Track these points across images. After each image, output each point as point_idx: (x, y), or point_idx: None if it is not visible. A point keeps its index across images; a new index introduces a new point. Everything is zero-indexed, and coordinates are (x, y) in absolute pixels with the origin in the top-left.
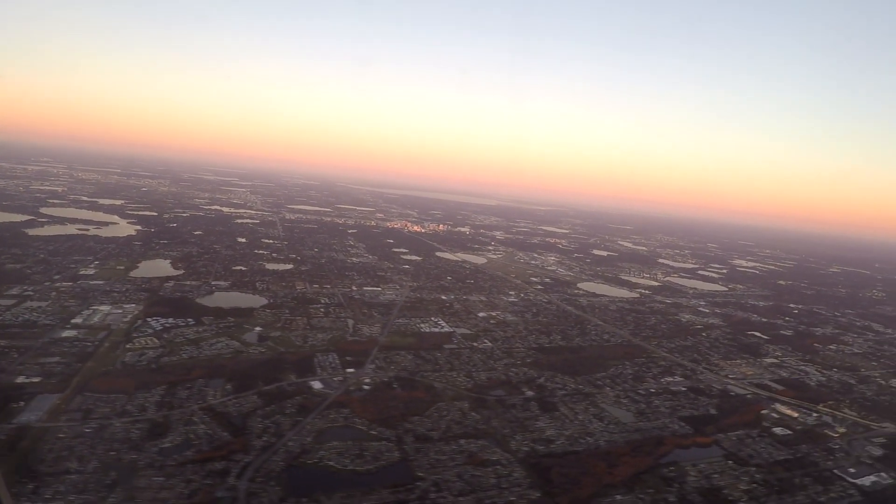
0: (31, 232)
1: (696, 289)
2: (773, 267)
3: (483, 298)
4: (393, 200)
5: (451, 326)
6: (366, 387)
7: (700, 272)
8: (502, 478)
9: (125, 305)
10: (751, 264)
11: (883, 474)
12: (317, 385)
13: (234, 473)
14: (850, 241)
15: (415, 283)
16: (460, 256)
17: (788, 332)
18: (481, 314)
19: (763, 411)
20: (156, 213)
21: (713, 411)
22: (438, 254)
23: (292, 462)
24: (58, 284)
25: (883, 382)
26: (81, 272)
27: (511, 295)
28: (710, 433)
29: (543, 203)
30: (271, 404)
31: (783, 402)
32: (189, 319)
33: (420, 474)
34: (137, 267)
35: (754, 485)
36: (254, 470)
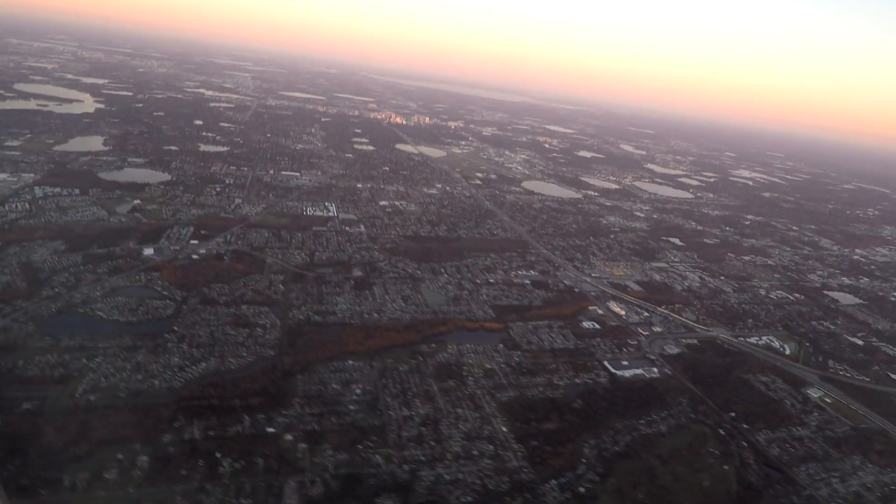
0: None
1: (655, 194)
2: (776, 179)
3: (401, 189)
4: (402, 92)
5: (338, 212)
6: (195, 256)
7: (681, 179)
8: (252, 338)
9: (23, 175)
10: (753, 175)
11: (654, 370)
12: (148, 252)
13: (0, 314)
14: None
15: (342, 172)
16: (420, 149)
17: (713, 241)
18: (383, 203)
19: (591, 307)
20: (131, 94)
21: (537, 303)
22: (399, 145)
23: (63, 309)
24: None
25: (763, 293)
26: (6, 143)
27: (436, 188)
28: (509, 321)
29: (575, 102)
30: (88, 264)
31: (623, 301)
32: (75, 190)
33: (175, 329)
34: (67, 142)
35: (503, 365)
36: (23, 313)
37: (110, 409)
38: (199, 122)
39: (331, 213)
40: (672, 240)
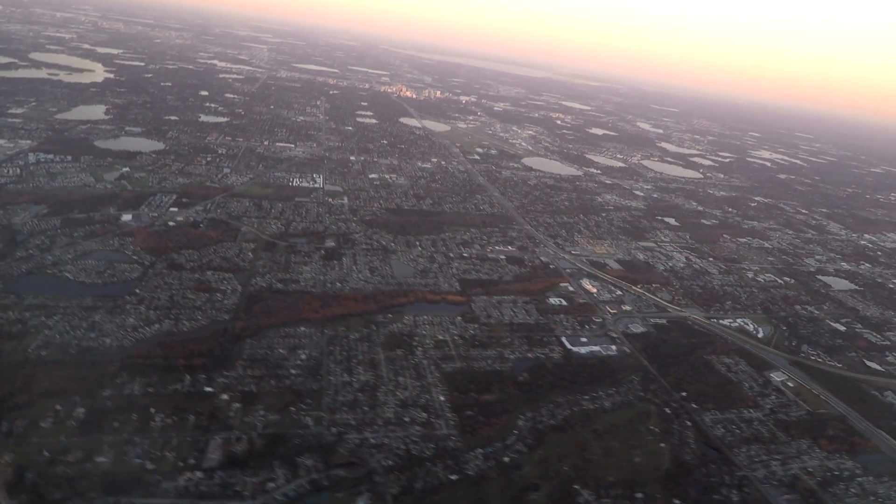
0: (1, 73)
1: (662, 173)
2: (798, 161)
3: (394, 162)
4: (420, 66)
5: (325, 183)
6: (171, 223)
7: (694, 158)
8: (210, 303)
9: (21, 141)
10: (773, 157)
11: (613, 347)
12: (126, 218)
13: None
14: None
15: (338, 144)
16: (424, 123)
17: (710, 222)
18: (373, 176)
19: (562, 284)
20: (142, 64)
21: (508, 278)
22: (403, 119)
23: (33, 270)
24: None
25: (750, 276)
26: (10, 110)
27: (431, 162)
28: (474, 294)
29: (600, 79)
30: (66, 228)
31: (598, 279)
32: (68, 157)
33: (137, 291)
34: (70, 111)
35: (456, 337)
36: None
37: (58, 364)
38: (204, 93)
39: (317, 185)
40: (667, 219)
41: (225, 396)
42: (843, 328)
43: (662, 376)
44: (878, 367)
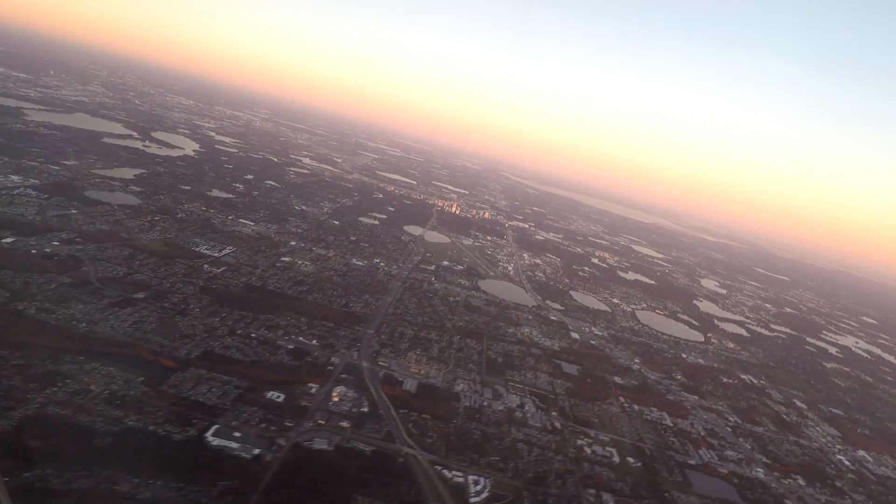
0: (105, 139)
1: (645, 326)
2: (888, 357)
3: (329, 254)
4: (514, 192)
5: (231, 256)
6: (33, 251)
7: (723, 324)
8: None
9: (31, 180)
10: (854, 343)
11: (256, 451)
12: (6, 241)
13: None
14: None
15: (301, 231)
16: (428, 234)
17: (625, 382)
18: (286, 258)
19: (310, 383)
20: (235, 151)
21: (263, 365)
22: (409, 226)
23: None
24: (26, 162)
25: (580, 443)
26: (63, 161)
27: (371, 261)
28: (196, 366)
29: (734, 238)
30: None
31: (365, 394)
32: (45, 195)
33: None
34: (111, 169)
35: (105, 391)
36: None
37: None
38: (248, 177)
39: (219, 255)
40: (568, 366)
41: None
42: None
43: (251, 493)
44: None
